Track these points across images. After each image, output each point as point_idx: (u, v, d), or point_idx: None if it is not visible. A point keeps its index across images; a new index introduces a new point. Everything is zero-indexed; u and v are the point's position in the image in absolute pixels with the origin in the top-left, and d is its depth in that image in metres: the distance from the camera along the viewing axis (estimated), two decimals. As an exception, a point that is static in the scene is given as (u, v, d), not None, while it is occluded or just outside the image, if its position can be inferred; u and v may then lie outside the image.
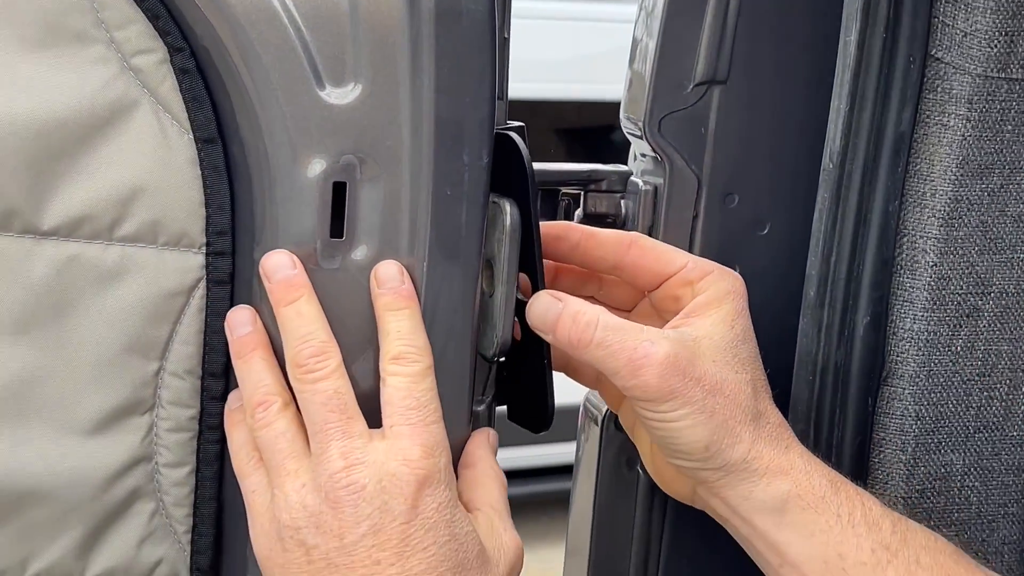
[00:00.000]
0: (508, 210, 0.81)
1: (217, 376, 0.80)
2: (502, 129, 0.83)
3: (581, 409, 1.01)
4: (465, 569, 0.74)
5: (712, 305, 0.85)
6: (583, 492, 1.00)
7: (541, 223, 0.84)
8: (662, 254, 0.87)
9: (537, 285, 0.83)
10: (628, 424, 0.94)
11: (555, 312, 0.82)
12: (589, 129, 4.04)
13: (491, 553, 0.77)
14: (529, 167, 0.81)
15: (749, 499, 0.83)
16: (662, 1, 0.92)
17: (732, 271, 0.87)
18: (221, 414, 0.81)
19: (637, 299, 0.91)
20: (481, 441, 0.82)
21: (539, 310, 0.82)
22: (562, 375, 0.90)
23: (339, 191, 0.76)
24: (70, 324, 0.79)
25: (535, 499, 3.46)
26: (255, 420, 0.77)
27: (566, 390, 0.93)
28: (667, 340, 0.81)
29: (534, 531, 2.97)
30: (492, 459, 0.82)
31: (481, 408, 0.86)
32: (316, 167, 0.76)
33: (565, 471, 1.11)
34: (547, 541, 2.70)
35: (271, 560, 0.76)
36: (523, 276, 0.84)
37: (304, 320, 0.76)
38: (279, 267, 0.77)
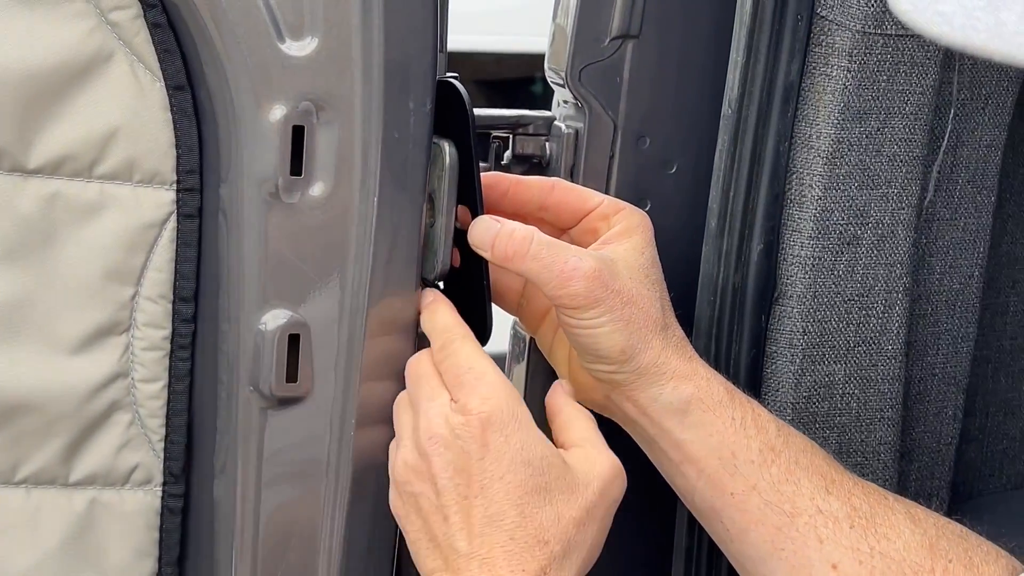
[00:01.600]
0: (447, 150, 0.87)
1: (187, 300, 0.86)
2: (444, 77, 0.88)
3: (509, 339, 1.04)
4: (547, 491, 0.82)
5: (625, 235, 0.91)
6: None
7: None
8: (580, 193, 0.94)
9: (477, 213, 0.89)
10: (545, 344, 0.98)
11: (494, 231, 0.88)
12: (508, 81, 3.98)
13: (581, 476, 0.84)
14: (470, 110, 0.87)
15: (658, 400, 0.89)
16: None
17: (640, 210, 0.94)
18: (191, 335, 0.87)
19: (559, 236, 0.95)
20: (559, 392, 0.90)
21: (479, 230, 0.88)
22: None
23: (298, 134, 0.82)
24: (54, 253, 0.84)
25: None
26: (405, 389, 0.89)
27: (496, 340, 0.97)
28: (591, 257, 0.88)
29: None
30: (573, 403, 0.89)
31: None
32: (277, 112, 0.82)
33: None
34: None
35: (398, 512, 0.87)
36: (463, 208, 0.90)
37: (436, 314, 0.90)
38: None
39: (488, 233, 0.88)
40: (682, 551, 1.05)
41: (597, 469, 0.85)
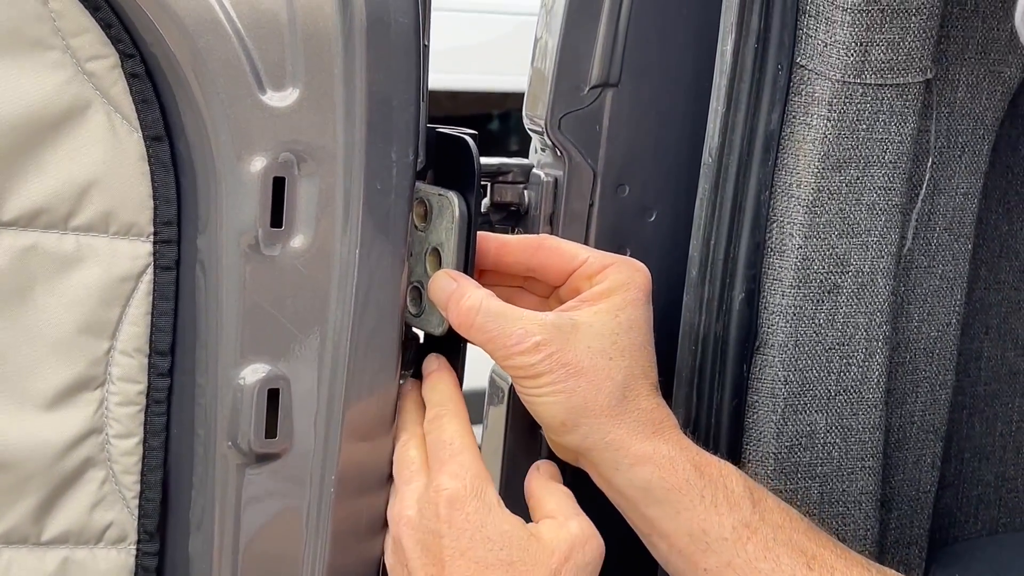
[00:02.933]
0: (456, 202, 0.86)
1: (163, 354, 0.85)
2: (462, 135, 0.88)
3: (488, 383, 1.04)
4: (510, 564, 0.83)
5: (602, 296, 0.88)
6: (490, 456, 1.05)
7: None
8: (566, 252, 0.91)
9: (467, 267, 0.89)
10: None
11: (447, 292, 0.87)
12: (465, 118, 4.02)
13: (547, 544, 0.84)
14: (478, 170, 0.87)
15: (615, 478, 0.88)
16: (562, 2, 0.97)
17: (635, 263, 0.90)
18: (167, 389, 0.85)
19: (546, 293, 0.95)
20: (533, 474, 0.90)
21: (436, 287, 0.88)
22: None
23: (278, 185, 0.81)
24: (28, 307, 0.82)
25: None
26: None
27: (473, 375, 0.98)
28: (540, 326, 0.86)
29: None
30: (547, 482, 0.89)
31: (402, 382, 0.92)
32: (257, 164, 0.81)
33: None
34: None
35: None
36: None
37: (438, 382, 0.91)
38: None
39: (443, 293, 0.88)
40: None
41: (563, 534, 0.85)
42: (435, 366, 0.90)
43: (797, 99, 0.96)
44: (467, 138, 0.88)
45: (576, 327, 0.87)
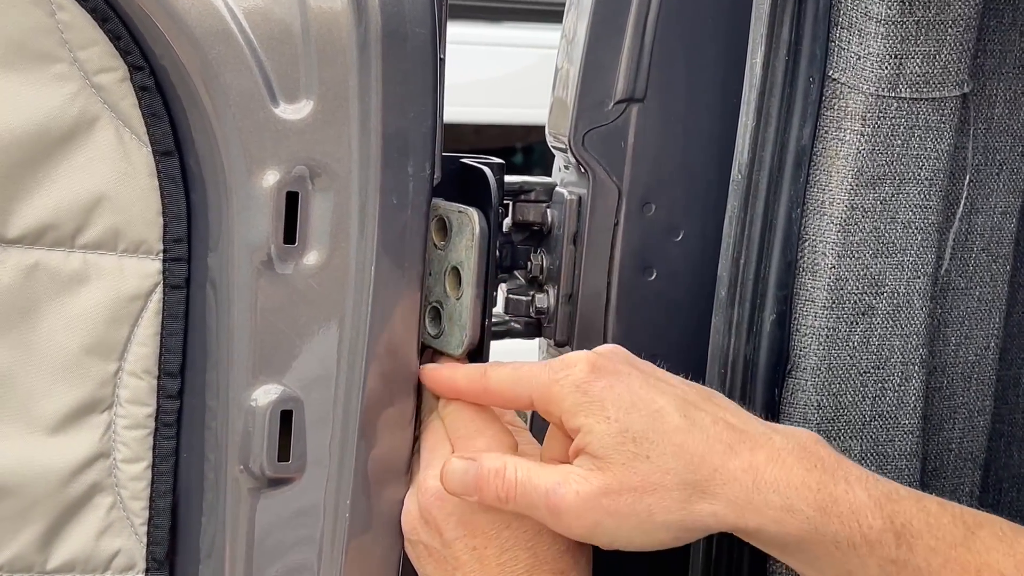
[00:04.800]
0: (476, 219, 0.85)
1: (173, 375, 0.84)
2: (480, 161, 0.87)
3: None
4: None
5: (574, 419, 0.80)
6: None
7: None
8: (508, 393, 0.84)
9: (486, 295, 0.86)
10: None
11: (472, 474, 0.81)
12: (489, 151, 4.06)
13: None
14: (495, 193, 0.85)
15: (748, 539, 0.81)
16: (584, 27, 0.96)
17: (570, 359, 0.82)
18: (177, 411, 0.84)
19: None
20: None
21: (457, 476, 0.82)
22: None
23: (292, 200, 0.80)
24: (34, 327, 0.81)
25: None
26: None
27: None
28: (572, 476, 0.79)
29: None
30: (513, 414, 0.88)
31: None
32: (270, 178, 0.80)
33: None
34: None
35: (412, 558, 0.87)
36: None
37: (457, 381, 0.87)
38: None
39: (467, 478, 0.81)
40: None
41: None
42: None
43: (829, 113, 0.94)
44: (486, 170, 0.86)
45: (594, 461, 0.80)
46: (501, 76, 4.11)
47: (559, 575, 0.83)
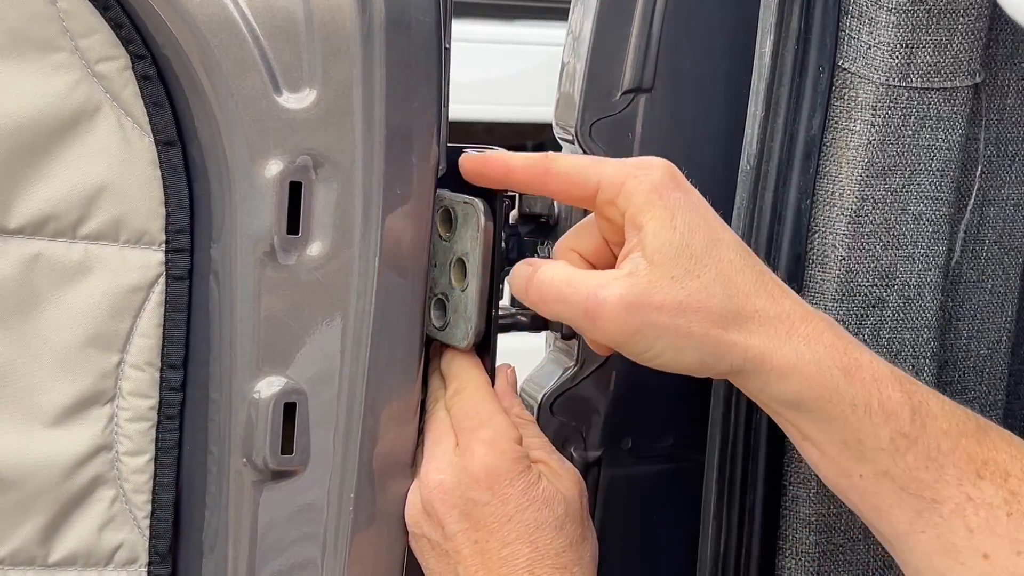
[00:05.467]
0: (481, 210, 0.84)
1: (176, 367, 0.83)
2: (485, 151, 0.86)
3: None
4: (561, 522, 0.83)
5: (641, 215, 0.80)
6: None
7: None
8: (576, 178, 0.83)
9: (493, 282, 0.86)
10: None
11: (525, 276, 0.83)
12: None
13: (564, 493, 0.84)
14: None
15: (764, 391, 0.81)
16: (590, 21, 0.94)
17: (651, 163, 0.82)
18: (179, 404, 0.83)
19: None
20: (502, 387, 0.88)
21: (515, 278, 0.84)
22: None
23: (295, 190, 0.79)
24: (34, 319, 0.80)
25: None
26: None
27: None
28: (617, 280, 0.79)
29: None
30: (517, 404, 0.88)
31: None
32: (273, 168, 0.79)
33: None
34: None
35: (415, 551, 0.87)
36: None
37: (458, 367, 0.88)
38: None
39: (520, 280, 0.84)
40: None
41: (568, 483, 0.86)
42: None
43: (839, 103, 0.93)
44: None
45: (649, 265, 0.79)
46: (512, 74, 4.10)
47: (562, 570, 0.83)
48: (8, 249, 0.80)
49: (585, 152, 0.96)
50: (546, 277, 0.82)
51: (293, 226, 0.80)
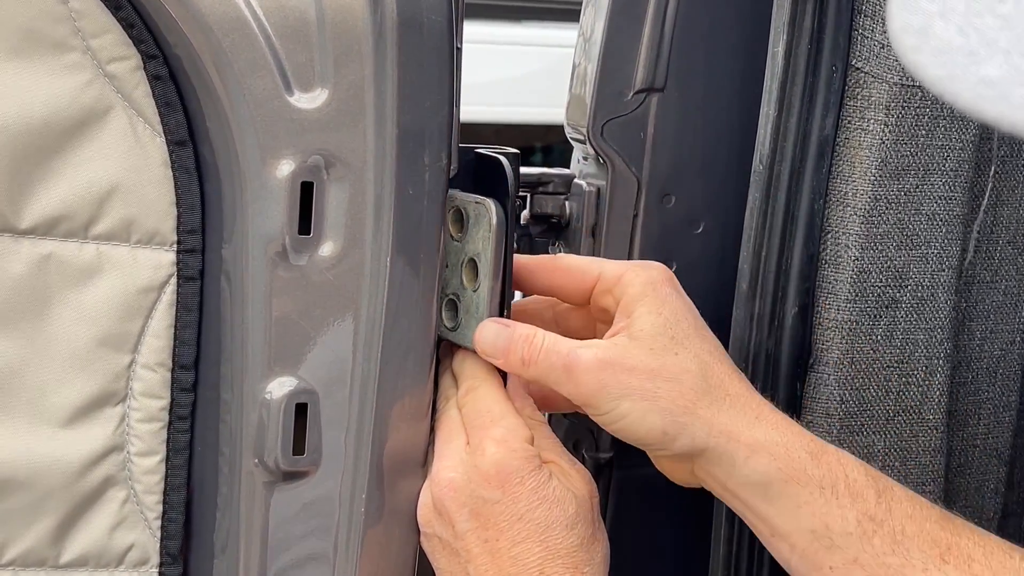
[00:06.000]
0: (493, 209, 0.83)
1: (187, 368, 0.82)
2: (496, 151, 0.86)
3: None
4: (571, 522, 0.83)
5: (634, 303, 0.86)
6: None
7: None
8: (578, 269, 0.89)
9: (505, 288, 0.86)
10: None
11: (504, 337, 0.85)
12: None
13: (575, 494, 0.83)
14: (511, 182, 0.84)
15: (733, 475, 0.83)
16: (601, 23, 0.94)
17: (649, 264, 0.88)
18: (191, 405, 0.83)
19: (591, 323, 0.92)
20: (515, 388, 0.87)
21: (489, 337, 0.85)
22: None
23: (307, 190, 0.79)
24: (46, 319, 0.80)
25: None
26: None
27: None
28: (596, 345, 0.84)
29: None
30: (529, 405, 0.87)
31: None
32: (285, 168, 0.79)
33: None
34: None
35: (427, 550, 0.87)
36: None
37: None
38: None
39: (499, 341, 0.85)
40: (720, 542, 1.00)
41: (578, 483, 0.85)
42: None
43: (852, 103, 0.94)
44: (500, 157, 0.85)
45: (630, 338, 0.85)
46: (521, 75, 4.10)
47: (572, 570, 0.82)
48: (20, 249, 0.79)
49: (596, 151, 0.96)
50: (536, 339, 0.85)
51: (305, 226, 0.79)
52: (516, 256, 0.88)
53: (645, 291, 0.86)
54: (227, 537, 0.84)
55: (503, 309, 0.86)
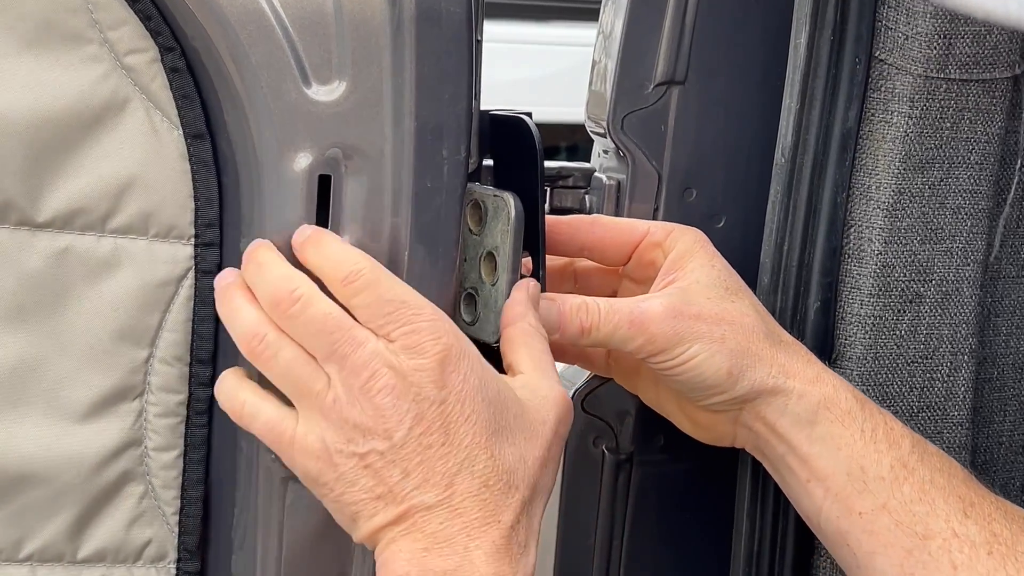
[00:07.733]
0: (512, 203, 0.83)
1: (205, 363, 0.82)
2: (516, 112, 0.85)
3: None
4: (510, 431, 0.76)
5: (685, 256, 0.89)
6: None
7: None
8: (624, 226, 0.92)
9: (539, 268, 0.86)
10: (650, 398, 0.94)
11: (555, 311, 0.85)
12: None
13: (536, 412, 0.78)
14: (540, 154, 0.84)
15: (785, 413, 0.87)
16: (622, 17, 0.94)
17: (691, 227, 0.91)
18: (209, 399, 0.83)
19: (614, 283, 0.94)
20: (520, 297, 0.83)
21: (541, 314, 0.84)
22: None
23: (324, 183, 0.79)
24: (64, 313, 0.80)
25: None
26: (257, 356, 0.76)
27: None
28: (658, 296, 0.86)
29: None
30: (532, 314, 0.82)
31: None
32: (302, 161, 0.79)
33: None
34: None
35: (322, 479, 0.76)
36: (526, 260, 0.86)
37: (264, 268, 0.77)
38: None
39: (550, 316, 0.86)
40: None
41: (549, 403, 0.79)
42: (308, 232, 0.78)
43: (876, 95, 0.93)
44: (524, 118, 0.85)
45: (686, 289, 0.88)
46: (546, 75, 4.11)
47: (512, 490, 0.76)
48: (37, 243, 0.79)
49: (616, 145, 0.95)
50: (589, 306, 0.86)
51: (323, 219, 0.79)
52: (551, 218, 0.89)
53: (695, 247, 0.89)
54: (245, 532, 0.83)
55: (539, 277, 0.86)
